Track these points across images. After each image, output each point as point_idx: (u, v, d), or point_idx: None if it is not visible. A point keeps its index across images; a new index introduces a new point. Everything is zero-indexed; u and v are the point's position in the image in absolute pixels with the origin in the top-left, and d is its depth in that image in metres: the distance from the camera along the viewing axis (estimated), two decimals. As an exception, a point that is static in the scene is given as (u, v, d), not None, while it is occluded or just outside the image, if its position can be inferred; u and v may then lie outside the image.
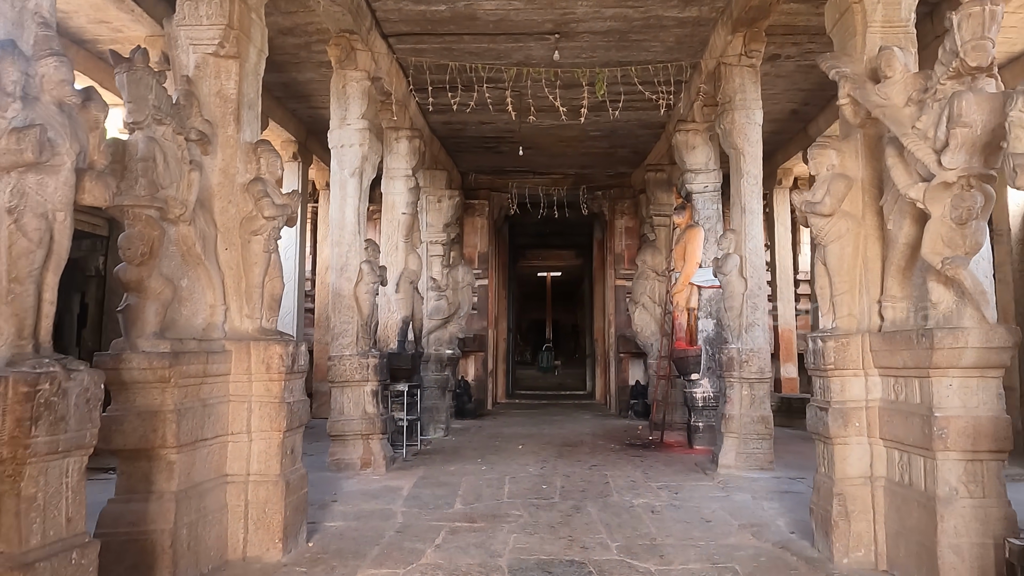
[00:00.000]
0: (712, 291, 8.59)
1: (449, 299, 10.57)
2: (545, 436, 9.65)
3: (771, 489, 5.95)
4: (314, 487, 5.95)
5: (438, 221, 10.69)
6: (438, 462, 7.44)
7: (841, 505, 3.81)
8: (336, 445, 6.87)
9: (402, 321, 8.63)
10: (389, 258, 8.87)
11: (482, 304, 13.71)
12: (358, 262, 7.07)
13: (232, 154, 4.24)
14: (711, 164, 8.79)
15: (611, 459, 7.64)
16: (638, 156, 12.34)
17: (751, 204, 6.96)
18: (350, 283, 7.03)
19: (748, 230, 6.93)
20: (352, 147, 7.13)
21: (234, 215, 4.19)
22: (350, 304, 7.01)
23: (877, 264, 3.97)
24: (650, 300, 10.54)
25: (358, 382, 6.89)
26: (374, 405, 6.94)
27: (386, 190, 8.99)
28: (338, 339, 6.99)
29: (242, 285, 4.19)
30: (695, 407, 8.45)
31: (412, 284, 8.82)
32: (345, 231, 7.10)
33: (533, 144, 11.73)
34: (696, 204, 8.77)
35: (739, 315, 6.87)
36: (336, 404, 6.92)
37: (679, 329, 8.57)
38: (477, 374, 13.57)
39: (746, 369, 6.73)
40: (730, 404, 6.79)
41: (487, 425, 11.12)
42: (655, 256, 10.61)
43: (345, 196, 7.14)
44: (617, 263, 13.80)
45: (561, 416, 12.66)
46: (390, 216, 8.94)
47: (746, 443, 6.70)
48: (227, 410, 3.98)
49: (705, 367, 8.48)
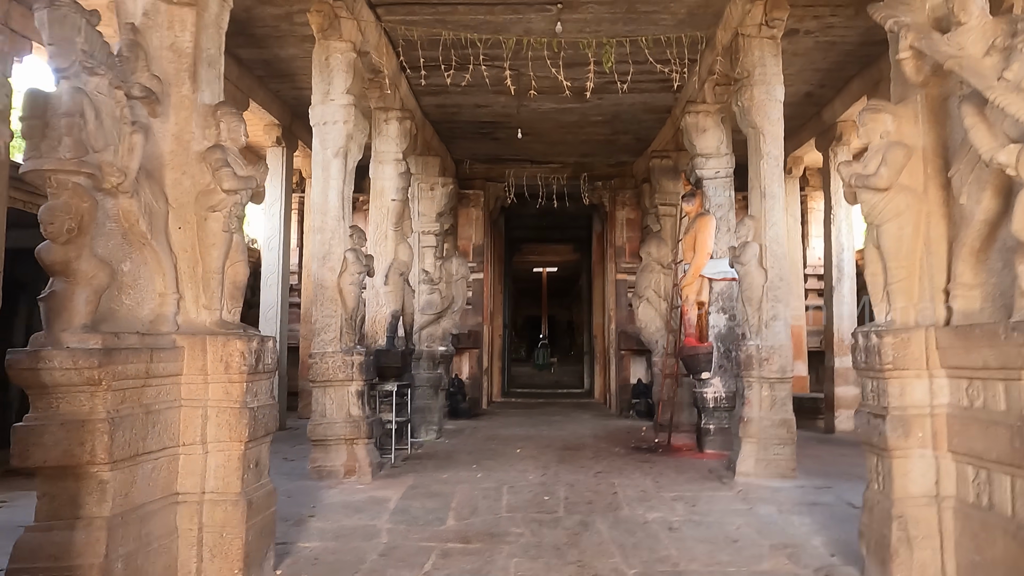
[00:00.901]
0: (724, 284, 8.02)
1: (442, 293, 9.96)
2: (544, 438, 9.06)
3: (797, 501, 5.38)
4: (291, 498, 5.36)
5: (430, 210, 10.08)
6: (430, 468, 6.85)
7: (902, 529, 3.24)
8: (317, 451, 6.27)
9: (391, 315, 8.02)
10: (378, 248, 8.26)
11: (477, 299, 13.12)
12: (342, 250, 6.47)
13: (187, 117, 3.62)
14: (723, 148, 8.21)
15: (617, 465, 7.06)
16: (641, 143, 11.75)
17: (771, 188, 6.39)
18: (333, 273, 6.42)
19: (768, 216, 6.36)
20: (336, 124, 6.52)
21: (189, 188, 3.58)
22: (333, 296, 6.40)
23: (943, 246, 3.40)
24: (655, 294, 9.96)
25: (342, 381, 6.29)
26: (359, 407, 6.34)
27: (374, 175, 8.37)
28: (320, 334, 6.38)
29: (198, 270, 3.57)
30: (705, 408, 7.88)
31: (402, 276, 8.21)
32: (328, 216, 6.49)
33: (531, 130, 11.12)
34: (707, 191, 8.19)
35: (758, 309, 6.30)
36: (318, 406, 6.32)
37: (688, 325, 7.99)
38: (472, 372, 12.98)
39: (766, 368, 6.16)
40: (748, 406, 6.22)
41: (482, 426, 10.54)
42: (660, 248, 10.03)
43: (328, 178, 6.52)
44: (618, 256, 13.22)
45: (560, 416, 12.08)
46: (379, 203, 8.32)
47: (766, 449, 6.13)
48: (178, 417, 3.37)
49: (717, 365, 7.92)
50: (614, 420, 11.50)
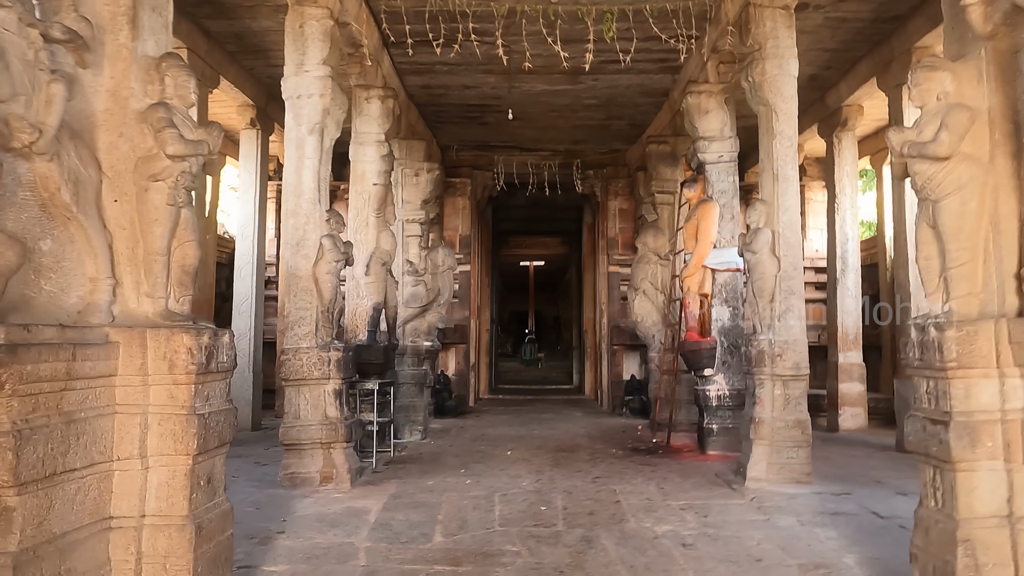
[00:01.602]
0: (728, 275, 7.56)
1: (428, 285, 9.41)
2: (536, 438, 8.56)
3: (817, 510, 4.92)
4: (260, 510, 4.82)
5: (415, 197, 9.52)
6: (414, 474, 6.32)
7: (969, 555, 2.76)
8: (291, 456, 5.72)
9: (373, 308, 7.47)
10: (358, 236, 7.70)
11: (464, 292, 12.59)
12: (318, 236, 5.90)
13: (125, 70, 3.06)
14: (727, 131, 7.73)
15: (616, 468, 6.57)
16: (636, 130, 11.26)
17: (785, 170, 5.91)
18: (308, 261, 5.86)
19: (782, 200, 5.88)
20: (311, 98, 5.94)
21: (127, 154, 3.01)
22: (308, 287, 5.84)
23: (1013, 224, 2.92)
24: (651, 286, 9.48)
25: (317, 380, 5.74)
26: (337, 407, 5.79)
27: (355, 158, 7.80)
28: (293, 328, 5.82)
29: (139, 251, 3.02)
30: (708, 407, 7.41)
31: (385, 266, 7.65)
32: (302, 199, 5.92)
33: (522, 114, 10.59)
34: (710, 176, 7.71)
35: (771, 301, 5.83)
36: (291, 407, 5.76)
37: (690, 318, 7.52)
38: (458, 368, 12.46)
39: (779, 364, 5.69)
40: (760, 406, 5.75)
41: (470, 425, 10.02)
42: (657, 238, 9.55)
43: (302, 157, 5.95)
44: (610, 248, 12.73)
45: (550, 414, 11.59)
46: (359, 188, 7.75)
47: (779, 452, 5.66)
48: (111, 427, 2.82)
49: (720, 361, 7.45)
50: (607, 418, 11.03)
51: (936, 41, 7.28)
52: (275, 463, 6.29)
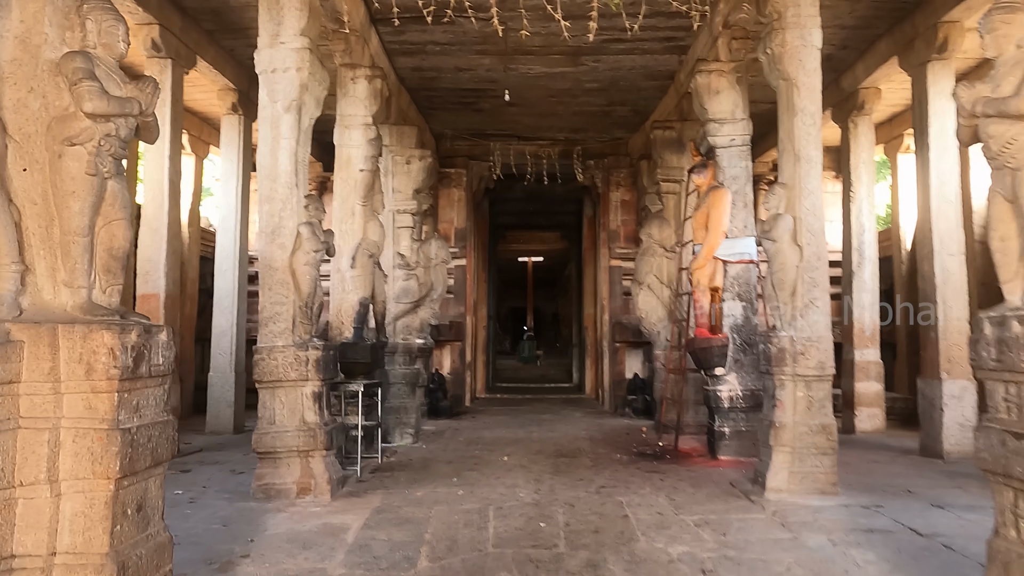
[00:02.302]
0: (741, 267, 7.05)
1: (420, 279, 8.89)
2: (534, 441, 8.05)
3: (849, 526, 4.41)
4: (227, 528, 4.31)
5: (407, 186, 8.99)
6: (402, 483, 5.80)
7: (1066, 601, 2.25)
8: (265, 465, 5.20)
9: (359, 304, 6.94)
10: (344, 226, 7.17)
11: (459, 287, 12.07)
12: (295, 224, 5.38)
13: (38, 12, 2.53)
14: (739, 112, 7.21)
15: (621, 476, 6.06)
16: (639, 116, 10.73)
17: (807, 150, 5.39)
18: (284, 251, 5.34)
19: (803, 183, 5.36)
20: (287, 72, 5.41)
21: (39, 113, 2.49)
22: (284, 279, 5.31)
23: (1115, 196, 2.40)
24: (657, 280, 8.96)
25: (294, 382, 5.22)
26: (316, 412, 5.27)
27: (340, 142, 7.27)
28: (267, 325, 5.30)
29: (54, 231, 2.50)
30: (719, 409, 6.90)
31: (372, 258, 7.13)
32: (278, 183, 5.39)
33: (519, 99, 10.05)
34: (720, 161, 7.19)
35: (792, 294, 5.31)
36: (265, 411, 5.24)
37: (700, 313, 7.00)
38: (454, 366, 11.94)
39: (801, 364, 5.17)
40: (781, 409, 5.23)
41: (465, 427, 9.51)
42: (663, 229, 9.03)
43: (278, 137, 5.42)
44: (612, 241, 12.22)
45: (549, 414, 11.08)
46: (345, 174, 7.22)
47: (802, 460, 5.15)
48: (11, 444, 2.30)
49: (732, 360, 6.94)
50: (609, 419, 10.52)
51: (966, 15, 6.77)
52: (252, 471, 5.76)
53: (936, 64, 7.16)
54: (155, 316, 7.09)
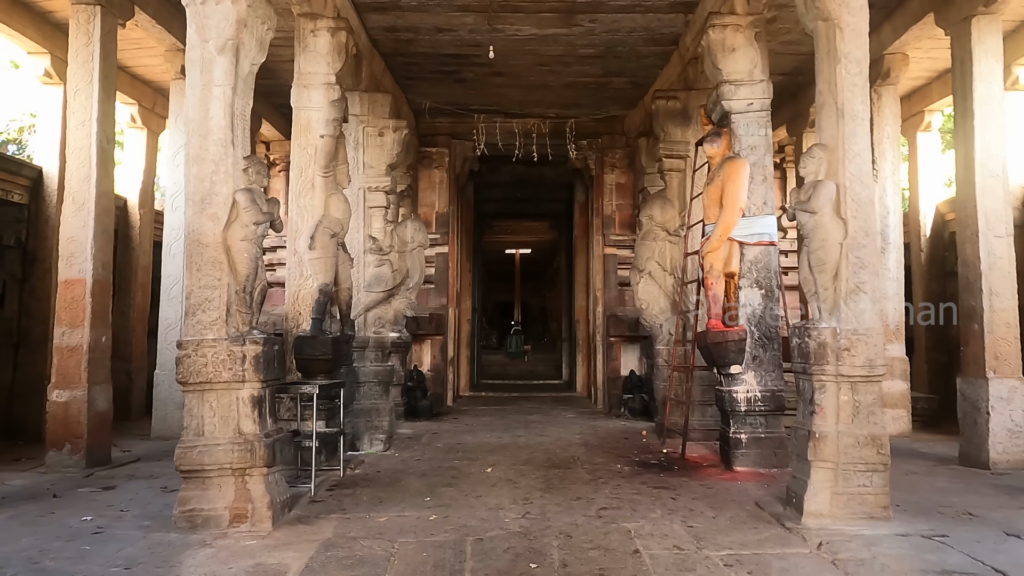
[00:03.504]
0: (760, 250, 6.15)
1: (394, 265, 7.92)
2: (522, 448, 7.12)
3: (918, 566, 3.52)
4: (128, 573, 3.34)
5: (379, 161, 7.99)
6: (364, 503, 4.85)
7: None
8: (191, 487, 4.22)
9: (319, 291, 5.97)
10: (302, 200, 6.20)
11: (440, 276, 11.10)
12: (230, 190, 4.40)
13: None
14: (757, 72, 6.30)
15: (625, 494, 5.13)
16: (638, 90, 9.80)
17: (852, 104, 4.47)
18: (216, 223, 4.35)
19: (848, 143, 4.44)
20: (221, 4, 4.42)
21: None
22: (216, 258, 4.33)
23: None
24: (659, 267, 8.05)
25: (227, 383, 4.25)
26: (255, 420, 4.30)
27: (298, 103, 6.29)
28: (195, 314, 4.31)
29: None
30: (735, 412, 6.00)
31: (335, 238, 6.14)
32: (208, 140, 4.40)
33: (506, 68, 9.09)
34: (736, 129, 6.27)
35: (834, 277, 4.40)
36: (191, 420, 4.26)
37: (713, 303, 6.09)
38: (434, 363, 10.97)
39: (846, 361, 4.27)
40: (821, 416, 4.33)
41: (445, 430, 8.56)
42: (665, 210, 8.11)
43: (209, 84, 4.43)
44: (606, 227, 11.28)
45: (538, 415, 10.15)
46: (303, 141, 6.24)
47: (847, 478, 4.25)
48: None
49: (750, 356, 6.04)
50: (604, 420, 9.60)
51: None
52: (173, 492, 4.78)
53: (982, 19, 6.27)
54: (80, 306, 6.07)
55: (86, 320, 6.07)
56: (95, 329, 6.15)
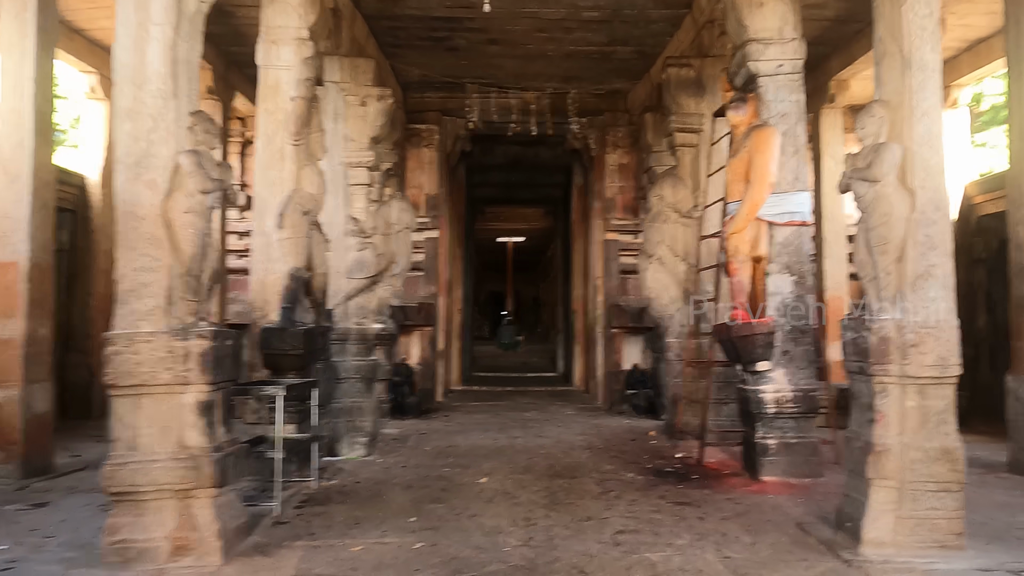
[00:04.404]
0: (791, 231, 5.44)
1: (378, 248, 7.16)
2: (520, 452, 6.41)
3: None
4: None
5: (361, 133, 7.20)
6: (338, 526, 4.12)
7: None
8: (122, 512, 3.47)
9: (289, 276, 5.20)
10: (269, 173, 5.42)
11: (430, 263, 10.34)
12: (172, 151, 3.62)
13: None
14: (788, 30, 5.56)
15: (643, 511, 4.42)
16: (644, 61, 9.04)
17: (921, 52, 3.74)
18: (154, 192, 3.58)
19: (916, 100, 3.72)
20: (159, -76, 3.62)
21: None
22: (154, 233, 3.57)
23: None
24: (670, 252, 7.33)
25: (167, 386, 3.49)
26: (203, 430, 3.55)
27: (264, 62, 5.50)
28: (128, 301, 3.55)
29: None
30: (762, 414, 5.30)
31: (308, 216, 5.37)
32: (145, 91, 3.62)
33: (501, 35, 8.32)
34: (764, 93, 5.54)
35: (899, 259, 3.68)
36: (123, 430, 3.51)
37: (738, 291, 5.37)
38: (423, 356, 10.23)
39: (914, 359, 3.57)
40: (882, 425, 3.63)
41: (435, 430, 7.84)
42: (677, 189, 7.38)
43: (145, 22, 3.63)
44: (607, 211, 10.55)
45: (535, 411, 9.45)
46: (271, 104, 5.45)
47: (915, 499, 3.56)
48: None
49: (780, 351, 5.34)
50: (606, 418, 8.91)
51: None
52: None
53: (1041, -30, 5.56)
54: (12, 293, 5.28)
55: (20, 309, 5.28)
56: (32, 319, 5.36)
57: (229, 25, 7.97)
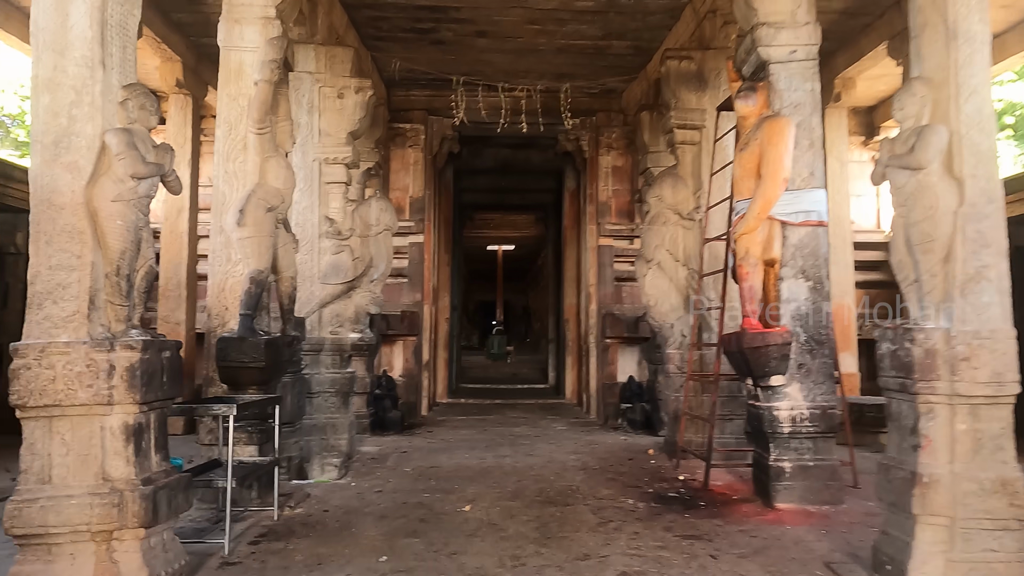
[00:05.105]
0: (806, 231, 4.95)
1: (355, 251, 6.62)
2: (509, 474, 5.85)
3: None
4: None
5: (339, 128, 6.67)
6: (296, 566, 3.55)
7: None
8: (29, 558, 2.90)
9: (250, 279, 4.64)
10: (230, 165, 4.88)
11: (415, 269, 9.80)
12: (98, 129, 3.08)
13: None
14: (802, 13, 5.10)
15: (647, 547, 3.88)
16: (640, 57, 8.60)
17: (968, 22, 3.26)
18: (76, 176, 3.04)
19: (963, 75, 3.24)
20: None
21: None
22: (75, 225, 3.02)
23: None
24: (669, 257, 6.83)
25: (86, 407, 2.94)
26: (130, 458, 2.99)
27: (227, 43, 4.97)
28: (42, 306, 2.99)
29: None
30: (776, 434, 4.79)
31: (273, 213, 4.82)
32: (67, 59, 3.08)
33: (490, 26, 7.84)
34: (776, 81, 5.06)
35: (945, 259, 3.19)
36: (32, 460, 2.94)
37: (749, 297, 4.86)
38: (407, 367, 9.67)
39: (965, 375, 3.07)
40: (929, 452, 3.12)
41: (417, 447, 7.27)
42: (678, 190, 6.89)
43: (70, -22, 3.10)
44: (601, 215, 10.07)
45: (525, 426, 8.90)
46: (233, 89, 4.92)
47: (968, 539, 3.05)
48: None
49: (796, 364, 4.83)
50: (600, 434, 8.37)
51: None
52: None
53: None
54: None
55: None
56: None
57: (201, 13, 7.45)
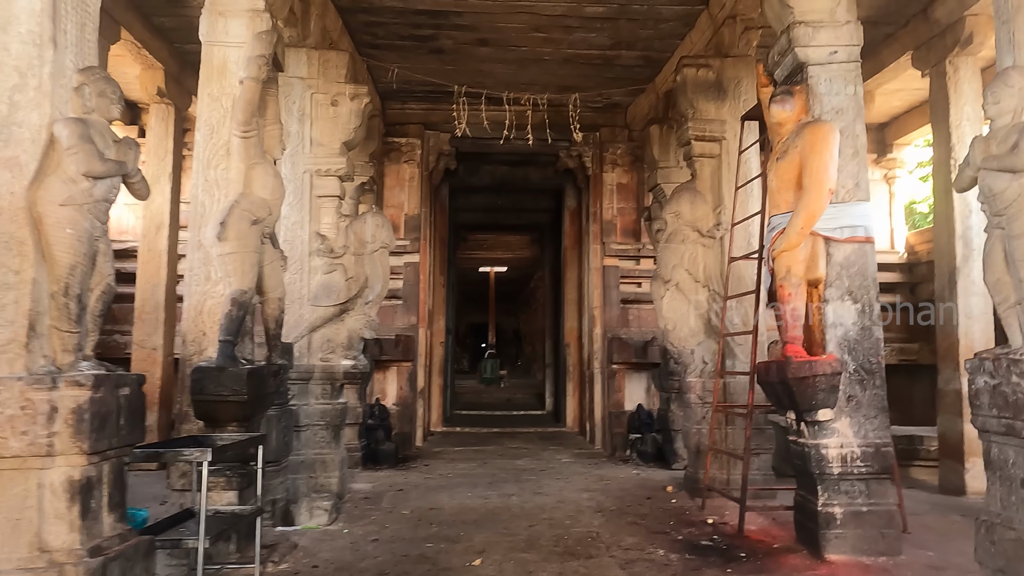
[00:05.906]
0: (853, 248, 4.47)
1: (349, 271, 6.08)
2: (518, 517, 5.27)
3: None
4: None
5: (332, 138, 6.16)
6: (280, 646, 2.96)
7: None
8: (-58, 652, 2.31)
9: (232, 301, 4.08)
10: (211, 172, 4.35)
11: (410, 291, 9.26)
12: (46, 118, 2.55)
13: None
14: (841, 11, 4.67)
15: (691, 613, 3.32)
16: (650, 67, 8.19)
17: (1072, 3, 2.82)
18: (16, 175, 2.50)
19: (1070, 64, 2.78)
20: None
21: None
22: (13, 233, 2.47)
23: None
24: (688, 277, 6.34)
25: (20, 459, 2.36)
26: (76, 522, 2.42)
27: (210, 38, 4.47)
28: (-32, 333, 2.43)
29: None
30: (825, 475, 4.26)
31: (259, 226, 4.27)
32: (10, 33, 2.56)
33: (493, 34, 7.41)
34: (816, 85, 4.62)
35: (1056, 276, 2.70)
36: (-50, 525, 2.36)
37: (791, 321, 4.36)
38: (401, 395, 9.08)
39: (1086, 416, 2.56)
40: (1046, 508, 2.60)
41: (414, 484, 6.67)
42: (696, 205, 6.42)
43: (16, -61, 2.59)
44: (606, 234, 9.61)
45: (528, 458, 8.32)
46: (215, 89, 4.41)
47: (1099, 615, 2.52)
48: None
49: (845, 396, 4.32)
50: (610, 467, 7.80)
51: None
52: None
53: None
54: None
55: None
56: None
57: (184, 17, 6.97)
